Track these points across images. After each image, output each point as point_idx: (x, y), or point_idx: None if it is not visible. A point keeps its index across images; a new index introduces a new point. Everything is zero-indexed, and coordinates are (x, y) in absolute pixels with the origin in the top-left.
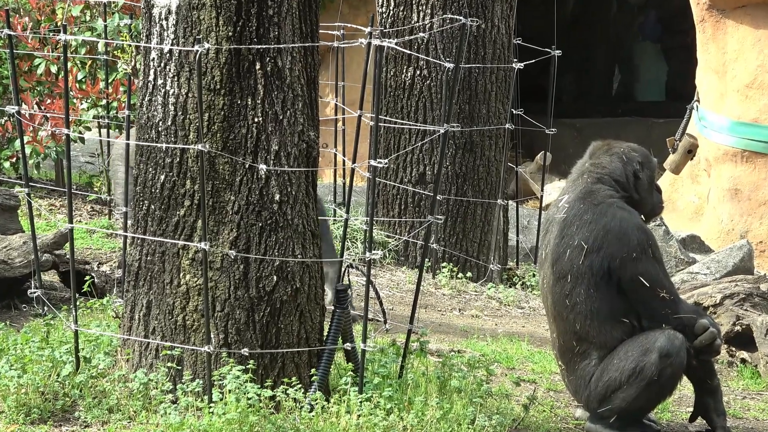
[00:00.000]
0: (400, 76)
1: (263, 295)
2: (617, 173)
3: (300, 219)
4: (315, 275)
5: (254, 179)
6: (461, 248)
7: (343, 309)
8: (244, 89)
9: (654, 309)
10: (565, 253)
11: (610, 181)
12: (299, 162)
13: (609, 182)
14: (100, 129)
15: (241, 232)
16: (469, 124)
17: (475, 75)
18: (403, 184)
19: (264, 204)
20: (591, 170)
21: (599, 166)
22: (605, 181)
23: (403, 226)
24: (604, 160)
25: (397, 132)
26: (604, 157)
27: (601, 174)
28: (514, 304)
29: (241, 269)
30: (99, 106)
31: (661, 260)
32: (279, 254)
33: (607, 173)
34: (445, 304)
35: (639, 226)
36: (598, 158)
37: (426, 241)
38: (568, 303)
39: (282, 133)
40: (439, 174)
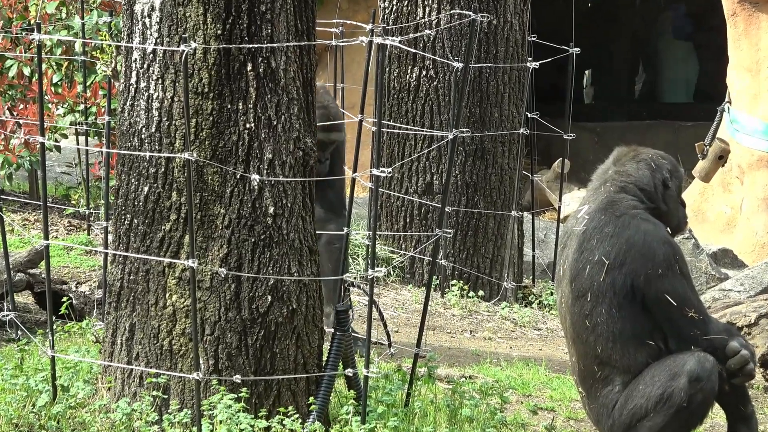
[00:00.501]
0: (404, 77)
1: (257, 316)
2: (644, 182)
3: (296, 233)
4: (313, 295)
5: (246, 190)
6: (472, 264)
7: (344, 331)
8: (235, 92)
9: (682, 329)
10: (585, 269)
11: (635, 191)
12: (295, 171)
13: (634, 192)
14: (78, 137)
15: (232, 249)
16: (479, 129)
17: (486, 75)
18: (408, 195)
19: (257, 217)
20: (615, 178)
21: (624, 173)
22: (630, 190)
23: (409, 240)
24: (630, 167)
25: (401, 138)
26: (631, 164)
27: (626, 182)
28: (530, 325)
29: (232, 289)
30: (76, 112)
31: (689, 276)
32: (273, 272)
33: (632, 182)
34: (454, 325)
35: (665, 240)
36: (624, 165)
37: (434, 256)
38: (588, 324)
39: (276, 139)
40: (448, 184)
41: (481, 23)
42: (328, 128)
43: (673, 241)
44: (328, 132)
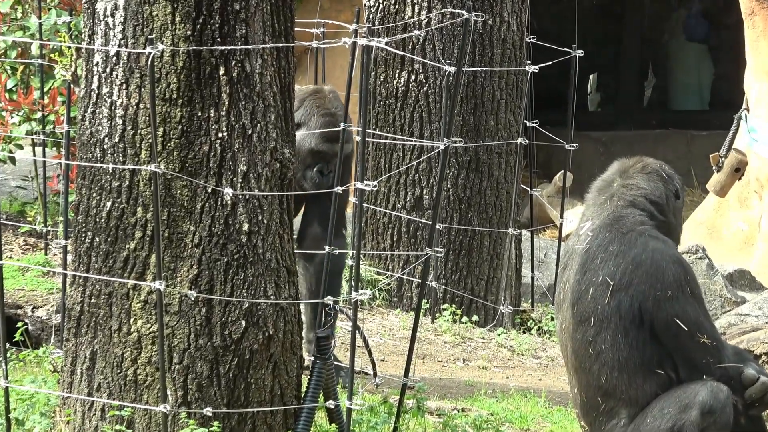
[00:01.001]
0: (391, 82)
1: (230, 343)
2: (657, 194)
3: (273, 253)
4: (291, 320)
5: (218, 206)
6: (465, 287)
7: (325, 360)
8: (206, 99)
9: (693, 357)
10: (588, 291)
11: (645, 204)
12: (272, 185)
13: (643, 206)
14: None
15: (203, 269)
16: (474, 139)
17: (481, 80)
18: (396, 211)
19: (230, 235)
20: (623, 192)
21: (634, 186)
22: (639, 204)
23: (397, 260)
24: (639, 179)
25: (388, 149)
26: (640, 177)
27: (635, 196)
28: (528, 354)
29: (202, 313)
30: (33, 120)
31: (701, 299)
32: (248, 295)
33: (643, 195)
34: (446, 353)
35: (675, 259)
36: (631, 177)
37: (423, 278)
38: (591, 351)
39: (251, 150)
40: (439, 198)
41: (475, 23)
42: (334, 138)
43: (684, 260)
44: (333, 142)
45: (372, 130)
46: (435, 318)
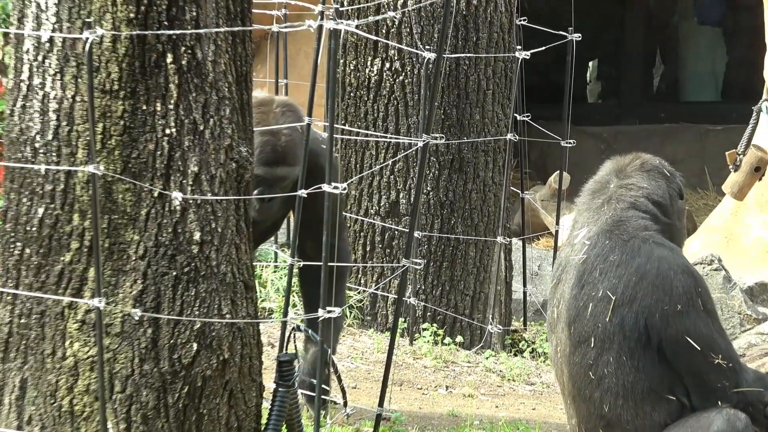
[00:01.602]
0: (363, 71)
1: (179, 369)
2: (659, 193)
3: (228, 265)
4: (249, 342)
5: (166, 212)
6: (448, 304)
7: (288, 387)
8: (152, 90)
9: (707, 381)
10: (587, 308)
11: (648, 206)
12: (227, 187)
13: (645, 207)
14: None
15: (149, 284)
16: (457, 135)
17: (465, 68)
18: (368, 217)
19: (179, 245)
20: (621, 193)
21: (633, 186)
22: (641, 206)
23: (369, 273)
24: (638, 178)
25: (359, 146)
26: (639, 175)
27: (636, 197)
28: (520, 379)
29: (148, 335)
30: None
31: (714, 314)
32: (200, 314)
33: (645, 195)
34: (427, 379)
35: (684, 268)
36: (630, 177)
37: (400, 294)
38: (592, 376)
39: (203, 148)
40: (417, 203)
41: (458, 3)
42: (274, 161)
43: (695, 270)
44: (273, 166)
45: (341, 126)
46: (414, 339)
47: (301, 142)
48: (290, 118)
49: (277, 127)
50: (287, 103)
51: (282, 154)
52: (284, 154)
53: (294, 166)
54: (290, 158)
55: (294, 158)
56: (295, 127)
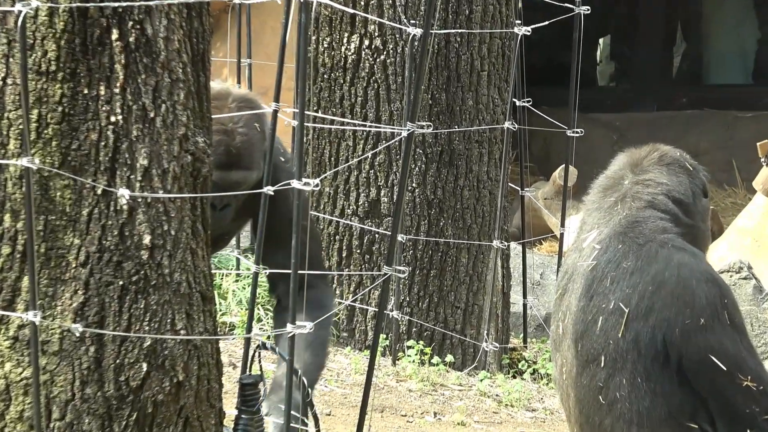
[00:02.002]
0: (338, 49)
1: (126, 393)
2: (681, 190)
3: (183, 273)
4: (207, 362)
5: (111, 212)
6: (437, 318)
7: (252, 414)
8: (94, 72)
9: (734, 405)
10: (596, 322)
11: (667, 205)
12: (181, 184)
13: (665, 206)
14: None
15: (91, 296)
16: (447, 123)
17: (456, 46)
18: (345, 218)
19: (126, 251)
20: (638, 191)
21: (651, 183)
22: (660, 205)
23: (346, 283)
24: (656, 173)
25: (335, 136)
26: (657, 170)
27: (655, 194)
28: (520, 405)
29: (91, 353)
30: None
31: (743, 329)
32: (151, 329)
33: (664, 192)
34: (412, 404)
35: (708, 277)
36: (647, 172)
37: (381, 306)
38: (602, 401)
39: (154, 139)
40: (401, 201)
41: None
42: (227, 165)
43: (720, 278)
44: (226, 170)
45: (312, 112)
46: (397, 358)
47: (260, 142)
48: (249, 109)
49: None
50: (245, 98)
51: (237, 157)
52: (239, 157)
53: (251, 170)
54: (246, 161)
55: (250, 161)
56: (253, 126)
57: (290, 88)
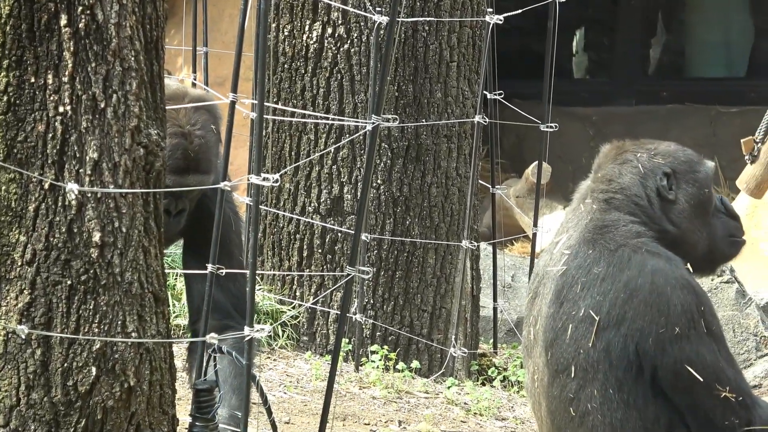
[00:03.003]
0: (300, 37)
1: (75, 398)
2: (633, 192)
3: (135, 273)
4: (160, 366)
5: (59, 208)
6: (402, 321)
7: (207, 421)
8: (42, 59)
9: (713, 418)
10: (566, 330)
11: (629, 204)
12: (133, 178)
13: (627, 206)
14: None
15: (38, 296)
16: (414, 117)
17: (424, 35)
18: (306, 216)
19: (75, 248)
20: (594, 189)
21: (604, 180)
22: (622, 206)
23: (307, 284)
24: (610, 171)
25: (295, 130)
26: (612, 168)
27: (611, 192)
28: (490, 414)
29: (37, 356)
30: None
31: (721, 338)
32: (100, 331)
33: (617, 190)
34: (376, 413)
35: (684, 283)
36: (603, 170)
37: (344, 309)
38: (573, 413)
39: (104, 131)
40: (365, 198)
41: None
42: (184, 169)
43: (697, 284)
44: (183, 174)
45: (272, 104)
46: (360, 364)
47: (216, 146)
48: (204, 115)
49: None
50: (202, 98)
51: (194, 161)
52: (197, 161)
53: (208, 174)
54: (204, 165)
55: (208, 165)
56: (210, 128)
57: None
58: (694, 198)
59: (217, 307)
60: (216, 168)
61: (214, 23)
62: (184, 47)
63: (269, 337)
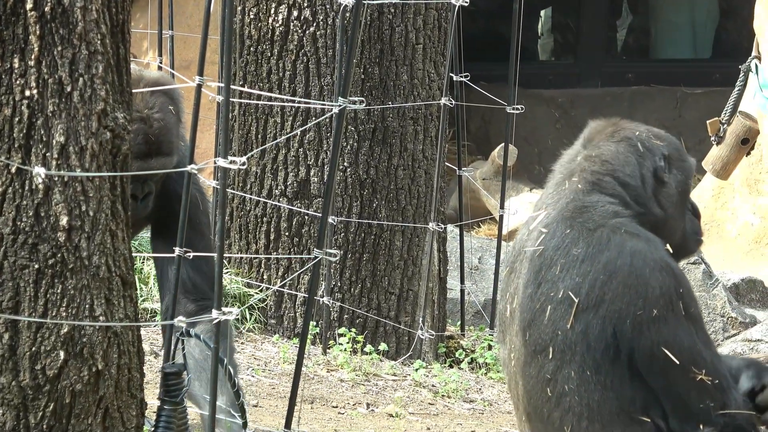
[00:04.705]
0: (266, 20)
1: (43, 383)
2: (627, 172)
3: (102, 256)
4: (128, 349)
5: (26, 191)
6: (370, 304)
7: (175, 405)
8: (8, 43)
9: (688, 401)
10: (544, 311)
11: (614, 187)
12: (100, 162)
13: (612, 189)
14: None
15: (5, 280)
16: (380, 99)
17: (390, 17)
18: (273, 199)
19: (42, 232)
20: (584, 169)
21: (597, 160)
22: (606, 186)
23: (274, 267)
24: (605, 150)
25: (261, 113)
26: (607, 146)
27: (601, 175)
28: (457, 396)
29: (5, 341)
30: None
31: (699, 320)
32: (68, 315)
33: (609, 172)
34: (344, 395)
35: (663, 265)
36: (598, 148)
37: (311, 292)
38: (550, 393)
39: (71, 114)
40: (332, 181)
41: None
42: (146, 153)
43: (676, 266)
44: (146, 159)
45: (238, 87)
46: (328, 347)
47: (176, 126)
48: (161, 98)
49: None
50: (157, 81)
51: (156, 144)
52: (158, 144)
53: (170, 156)
54: (166, 147)
55: (170, 147)
56: (168, 110)
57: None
58: (681, 185)
59: (193, 289)
60: (178, 149)
61: (180, 6)
62: (150, 31)
63: (237, 321)
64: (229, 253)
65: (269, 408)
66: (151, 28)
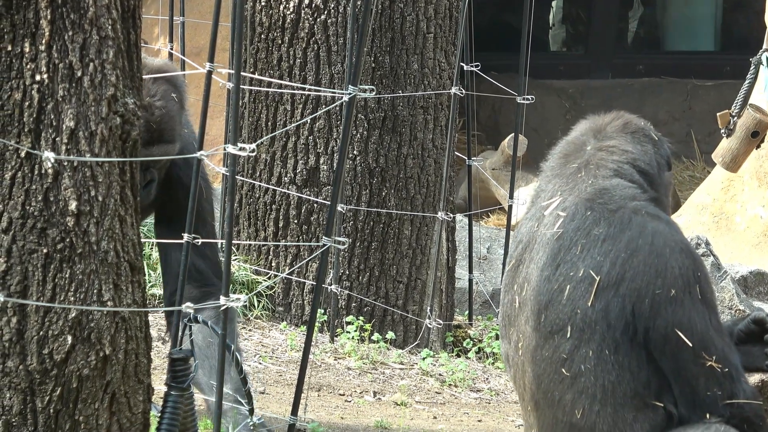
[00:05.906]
0: (277, 8)
1: (50, 367)
2: (646, 160)
3: (111, 242)
4: (135, 335)
5: (35, 176)
6: (378, 292)
7: (182, 391)
8: (18, 27)
9: (695, 387)
10: (563, 291)
11: (633, 174)
12: (110, 147)
13: (631, 176)
14: None
15: (14, 264)
16: (390, 88)
17: (401, 6)
18: (282, 187)
19: (51, 217)
20: (603, 158)
21: (617, 150)
22: (626, 173)
23: (283, 255)
24: (620, 140)
25: (271, 100)
26: (622, 137)
27: (620, 163)
28: (464, 385)
29: (13, 325)
30: None
31: (714, 307)
32: (76, 300)
33: (629, 161)
34: (350, 383)
35: (683, 247)
36: (611, 138)
37: (319, 280)
38: (566, 373)
39: (81, 99)
40: (341, 169)
41: None
42: (148, 141)
43: (695, 251)
44: (149, 146)
45: (249, 74)
46: (335, 335)
47: (178, 114)
48: (164, 86)
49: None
50: (161, 68)
51: (158, 132)
52: (160, 132)
53: (173, 143)
54: (168, 135)
55: (172, 134)
56: (171, 97)
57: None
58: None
59: (198, 275)
60: (181, 136)
61: None
62: (161, 17)
63: (245, 308)
64: (238, 240)
65: (276, 395)
66: (162, 14)
